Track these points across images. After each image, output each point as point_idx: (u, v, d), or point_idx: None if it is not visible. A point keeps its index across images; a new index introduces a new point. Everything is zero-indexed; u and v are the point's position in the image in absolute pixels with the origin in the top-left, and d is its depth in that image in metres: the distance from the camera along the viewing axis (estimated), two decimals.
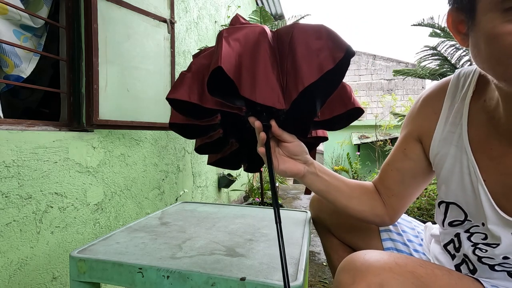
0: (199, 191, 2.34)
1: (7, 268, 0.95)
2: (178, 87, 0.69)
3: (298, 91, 0.57)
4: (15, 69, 1.16)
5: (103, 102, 1.25)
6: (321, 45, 0.57)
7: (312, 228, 0.98)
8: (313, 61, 0.57)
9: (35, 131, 1.05)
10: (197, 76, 0.68)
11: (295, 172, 0.69)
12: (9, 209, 0.95)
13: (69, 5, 1.25)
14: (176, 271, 0.59)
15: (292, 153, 0.68)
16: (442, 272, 0.50)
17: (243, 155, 0.91)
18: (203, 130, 0.80)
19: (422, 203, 2.30)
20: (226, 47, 0.57)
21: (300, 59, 0.58)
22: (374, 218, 0.74)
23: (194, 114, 0.73)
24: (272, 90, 0.58)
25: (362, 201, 0.73)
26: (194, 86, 0.68)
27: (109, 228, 1.36)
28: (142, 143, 1.59)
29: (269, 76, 0.59)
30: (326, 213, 0.90)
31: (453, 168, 0.60)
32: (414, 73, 2.22)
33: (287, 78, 0.60)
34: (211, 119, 0.76)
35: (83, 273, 0.65)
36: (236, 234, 0.84)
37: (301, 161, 0.70)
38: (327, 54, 0.56)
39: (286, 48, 0.60)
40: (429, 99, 0.66)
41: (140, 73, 1.42)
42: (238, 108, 0.69)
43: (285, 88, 0.59)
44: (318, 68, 0.56)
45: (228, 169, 0.97)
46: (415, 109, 0.69)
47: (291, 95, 0.58)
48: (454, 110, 0.60)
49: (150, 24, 1.50)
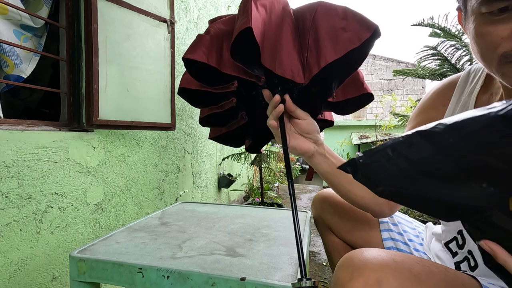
0: (199, 191, 2.34)
1: (7, 268, 0.95)
2: (196, 48, 0.64)
3: (320, 67, 0.56)
4: (15, 69, 1.16)
5: (103, 102, 1.25)
6: (347, 24, 0.57)
7: (313, 228, 0.98)
8: (338, 38, 0.57)
9: (35, 131, 1.05)
10: (216, 40, 0.64)
11: (305, 150, 0.68)
12: (9, 209, 0.95)
13: (69, 5, 1.25)
14: (176, 271, 0.59)
15: (304, 131, 0.67)
16: (439, 269, 0.50)
17: (249, 132, 0.85)
18: (215, 98, 0.74)
19: None
20: (255, 10, 0.56)
21: (324, 35, 0.57)
22: (374, 207, 0.74)
23: (209, 79, 0.68)
24: (292, 63, 0.58)
25: (365, 188, 0.74)
26: (213, 49, 0.64)
27: (109, 228, 1.36)
28: (142, 143, 1.59)
29: (290, 49, 0.58)
30: (328, 212, 0.90)
31: None
32: (414, 73, 2.22)
33: (308, 54, 0.59)
34: (226, 86, 0.71)
35: (83, 273, 0.65)
36: (236, 234, 0.84)
37: (311, 140, 0.69)
38: (352, 33, 0.56)
39: (308, 24, 0.60)
40: (439, 92, 0.67)
41: (140, 73, 1.42)
42: (256, 77, 0.66)
43: (306, 63, 0.59)
44: (343, 45, 0.56)
45: (230, 146, 0.90)
46: (425, 101, 0.70)
47: (311, 71, 0.57)
48: (461, 104, 0.62)
49: (150, 24, 1.50)
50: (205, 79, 0.68)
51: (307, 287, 0.46)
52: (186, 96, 0.75)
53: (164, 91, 1.57)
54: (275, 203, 2.89)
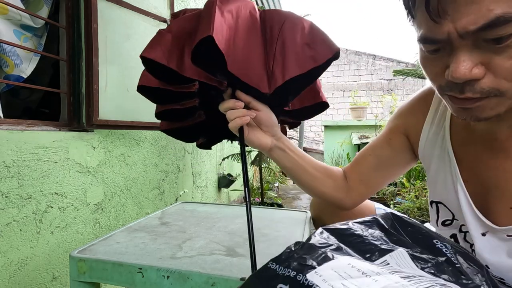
0: (199, 191, 2.34)
1: (7, 268, 0.95)
2: (155, 46, 0.61)
3: (284, 79, 0.57)
4: (15, 69, 1.16)
5: (103, 102, 1.25)
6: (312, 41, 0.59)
7: (312, 228, 0.98)
8: (304, 54, 0.59)
9: (35, 131, 1.05)
10: (177, 40, 0.61)
11: (262, 143, 0.69)
12: (9, 209, 0.95)
13: (69, 5, 1.25)
14: (176, 271, 0.59)
15: (261, 122, 0.67)
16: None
17: (204, 130, 0.83)
18: (176, 96, 0.71)
19: (422, 203, 2.30)
20: (218, 16, 0.54)
21: (291, 48, 0.58)
22: (336, 201, 0.77)
23: (169, 78, 0.65)
24: (259, 71, 0.58)
25: (325, 184, 0.76)
26: (174, 50, 0.60)
27: (109, 228, 1.36)
28: (142, 143, 1.59)
29: (257, 57, 0.59)
30: (327, 213, 0.90)
31: (438, 169, 0.62)
32: (414, 73, 2.22)
33: (273, 64, 0.59)
34: (187, 86, 0.69)
35: (83, 273, 0.65)
36: (236, 234, 0.84)
37: (270, 133, 0.69)
38: (317, 51, 0.58)
39: (276, 33, 0.60)
40: (420, 99, 0.68)
41: (140, 73, 1.41)
42: (218, 82, 0.64)
43: (271, 73, 0.59)
44: (307, 62, 0.58)
45: (181, 141, 0.89)
46: (406, 105, 0.71)
47: (276, 81, 0.58)
48: (439, 113, 0.63)
49: (150, 24, 1.50)
50: (166, 78, 0.66)
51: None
52: (146, 93, 0.73)
53: None
54: (275, 203, 2.89)
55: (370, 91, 9.12)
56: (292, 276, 0.33)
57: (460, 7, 0.37)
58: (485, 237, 0.54)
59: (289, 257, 0.37)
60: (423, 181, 2.60)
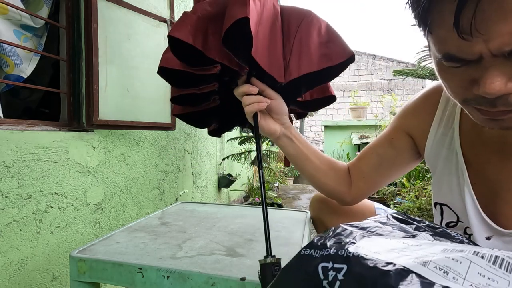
0: (199, 191, 2.34)
1: (7, 268, 0.95)
2: (181, 26, 0.61)
3: (299, 74, 0.61)
4: (15, 69, 1.16)
5: (103, 102, 1.25)
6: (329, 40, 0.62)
7: (312, 228, 0.98)
8: (320, 52, 0.62)
9: (35, 131, 1.05)
10: (202, 21, 0.62)
11: (272, 130, 0.71)
12: (9, 209, 0.95)
13: (69, 5, 1.25)
14: (176, 271, 0.59)
15: (273, 110, 0.69)
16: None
17: (217, 115, 0.83)
18: (195, 79, 0.71)
19: (422, 203, 2.30)
20: (251, 1, 0.56)
21: (309, 45, 0.61)
22: (337, 194, 0.78)
23: (190, 60, 0.66)
24: (277, 62, 0.61)
25: (328, 175, 0.77)
26: (199, 30, 0.61)
27: (109, 228, 1.36)
28: (142, 143, 1.59)
29: (278, 48, 0.61)
30: (326, 213, 0.90)
31: (444, 170, 0.62)
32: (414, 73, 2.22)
33: (290, 57, 0.62)
34: (208, 68, 0.68)
35: (83, 273, 0.65)
36: (236, 234, 0.84)
37: (279, 121, 0.71)
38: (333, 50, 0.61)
39: (294, 29, 0.63)
40: (425, 99, 0.67)
41: (140, 73, 1.42)
42: (239, 66, 0.65)
43: (287, 65, 0.62)
44: (322, 60, 0.61)
45: (193, 126, 0.88)
46: (411, 105, 0.70)
47: (291, 74, 0.61)
48: (447, 113, 0.62)
49: (150, 24, 1.50)
50: (187, 60, 0.66)
51: (271, 263, 0.51)
52: (165, 74, 0.73)
53: (164, 91, 1.57)
54: (275, 203, 2.89)
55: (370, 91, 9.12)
56: (333, 253, 0.33)
57: (494, 26, 0.35)
58: (489, 241, 0.54)
59: (323, 241, 0.36)
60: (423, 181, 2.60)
